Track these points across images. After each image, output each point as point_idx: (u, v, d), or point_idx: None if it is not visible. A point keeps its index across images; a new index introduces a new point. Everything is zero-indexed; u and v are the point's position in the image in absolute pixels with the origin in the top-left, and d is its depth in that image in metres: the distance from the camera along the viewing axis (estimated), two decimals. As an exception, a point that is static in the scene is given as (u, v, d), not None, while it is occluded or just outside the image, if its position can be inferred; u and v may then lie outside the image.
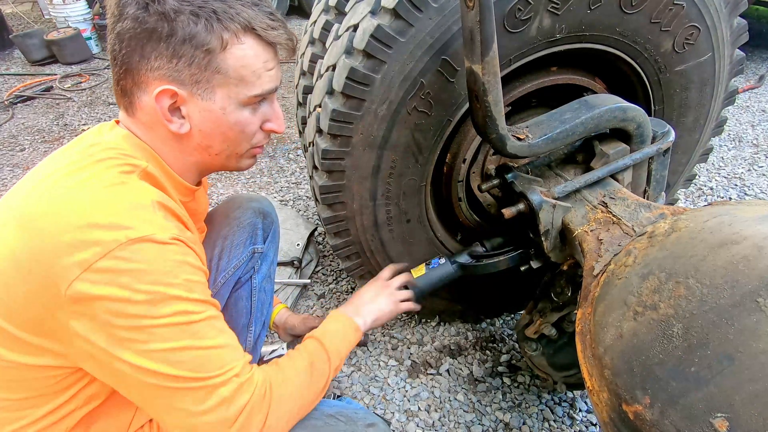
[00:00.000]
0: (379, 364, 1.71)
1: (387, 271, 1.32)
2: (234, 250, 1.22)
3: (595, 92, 1.41)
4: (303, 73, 1.60)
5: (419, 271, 1.44)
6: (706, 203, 2.50)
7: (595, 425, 1.51)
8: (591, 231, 1.10)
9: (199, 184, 0.97)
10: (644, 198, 1.33)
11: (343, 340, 1.04)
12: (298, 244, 2.05)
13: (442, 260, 1.44)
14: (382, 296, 1.20)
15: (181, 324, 0.71)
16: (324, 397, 1.02)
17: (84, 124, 3.67)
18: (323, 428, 0.95)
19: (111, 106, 3.95)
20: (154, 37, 0.73)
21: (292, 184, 2.82)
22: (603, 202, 1.17)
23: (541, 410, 1.55)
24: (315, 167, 1.31)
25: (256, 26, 0.78)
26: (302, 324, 1.50)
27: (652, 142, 1.26)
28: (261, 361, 1.53)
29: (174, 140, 0.84)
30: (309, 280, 2.05)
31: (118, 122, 0.86)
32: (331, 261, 2.21)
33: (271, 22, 0.80)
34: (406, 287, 1.30)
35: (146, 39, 0.73)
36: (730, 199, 2.57)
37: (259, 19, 0.78)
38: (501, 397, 1.59)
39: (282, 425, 0.83)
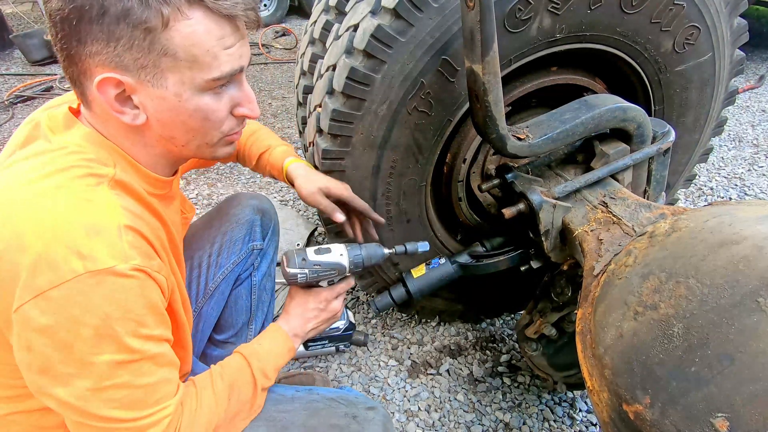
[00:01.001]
0: (379, 364, 1.71)
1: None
2: (233, 246, 1.23)
3: (595, 92, 1.41)
4: (303, 73, 1.61)
5: (419, 271, 1.44)
6: (706, 203, 2.50)
7: (595, 425, 1.51)
8: (591, 231, 1.10)
9: (175, 173, 0.90)
10: (644, 198, 1.33)
11: (275, 360, 0.96)
12: (298, 244, 2.05)
13: (442, 260, 1.44)
14: (323, 317, 1.08)
15: (123, 363, 0.68)
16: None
17: (84, 124, 3.66)
18: (324, 410, 0.97)
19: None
20: (85, 17, 0.63)
21: (292, 184, 2.82)
22: (603, 202, 1.17)
23: (541, 410, 1.55)
24: (315, 167, 1.31)
25: None
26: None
27: (652, 142, 1.26)
28: None
29: (133, 132, 0.75)
30: (309, 280, 2.04)
31: (72, 109, 0.78)
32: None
33: None
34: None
35: (77, 20, 0.64)
36: (730, 199, 2.57)
37: None
38: (501, 397, 1.59)
39: None
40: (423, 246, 1.14)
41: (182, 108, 0.72)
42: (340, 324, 1.23)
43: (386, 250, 1.11)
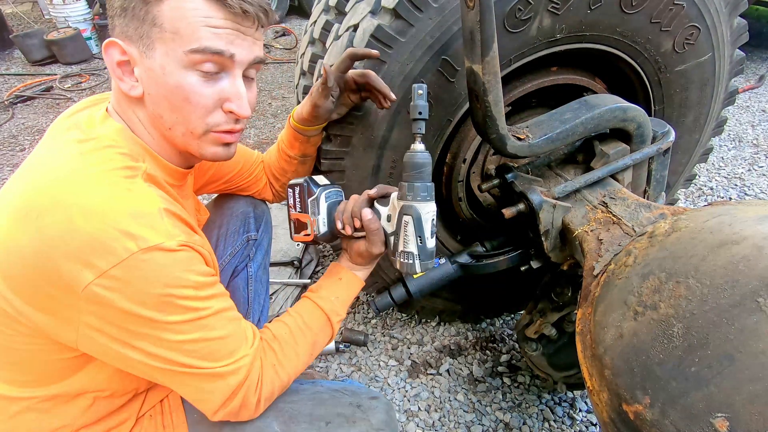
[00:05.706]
0: (379, 364, 1.71)
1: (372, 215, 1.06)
2: (229, 238, 1.25)
3: (595, 92, 1.41)
4: (303, 73, 1.60)
5: (419, 271, 1.44)
6: (706, 203, 2.50)
7: (595, 425, 1.51)
8: (591, 231, 1.10)
9: (190, 167, 0.94)
10: (644, 198, 1.33)
11: (346, 307, 1.06)
12: (298, 244, 2.05)
13: (442, 260, 1.44)
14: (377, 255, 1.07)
15: (192, 320, 0.75)
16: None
17: (84, 124, 3.66)
18: (330, 401, 1.01)
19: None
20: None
21: (292, 184, 2.82)
22: (603, 202, 1.17)
23: (541, 410, 1.55)
24: (315, 167, 1.31)
25: None
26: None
27: (652, 142, 1.26)
28: None
29: (135, 105, 0.80)
30: (309, 280, 2.05)
31: (107, 109, 0.84)
32: (330, 261, 2.21)
33: None
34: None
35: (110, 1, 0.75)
36: (730, 199, 2.57)
37: None
38: (501, 397, 1.59)
39: (273, 398, 0.90)
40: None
41: (165, 82, 0.75)
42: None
43: None
